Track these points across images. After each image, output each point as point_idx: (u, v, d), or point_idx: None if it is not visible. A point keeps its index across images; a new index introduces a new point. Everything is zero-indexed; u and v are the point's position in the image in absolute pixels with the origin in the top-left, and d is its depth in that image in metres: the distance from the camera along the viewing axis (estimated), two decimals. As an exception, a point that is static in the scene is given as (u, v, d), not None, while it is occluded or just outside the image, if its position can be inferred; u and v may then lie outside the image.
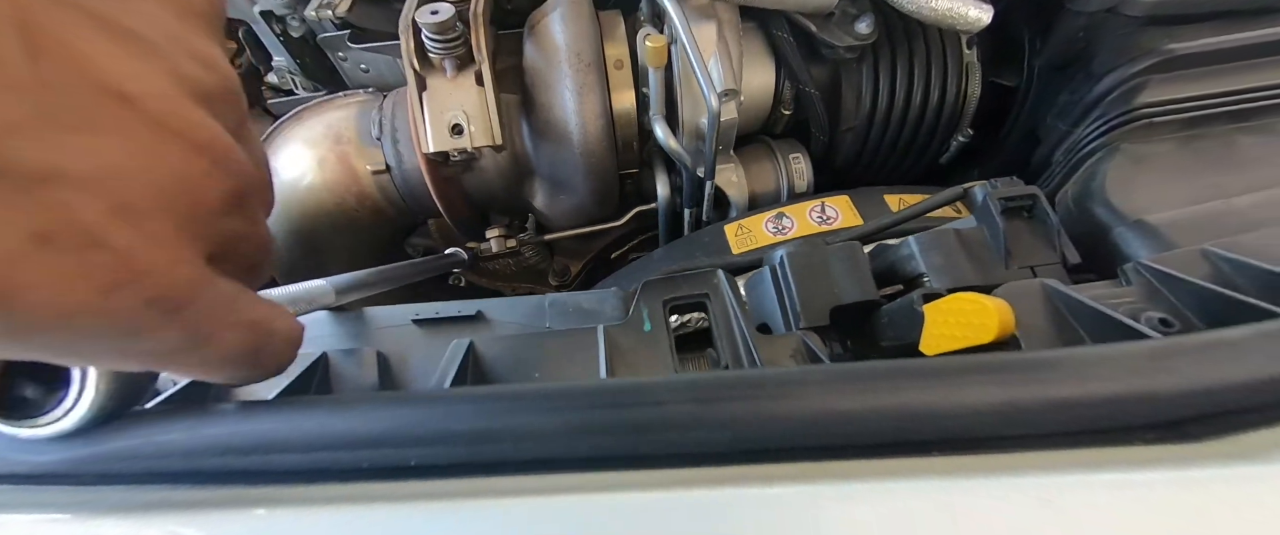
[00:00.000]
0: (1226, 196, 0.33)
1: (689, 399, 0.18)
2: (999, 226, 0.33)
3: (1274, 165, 0.36)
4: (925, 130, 0.62)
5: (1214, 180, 0.35)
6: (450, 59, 0.48)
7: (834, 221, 0.51)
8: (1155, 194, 0.35)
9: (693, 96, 0.55)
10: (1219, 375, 0.16)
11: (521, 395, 0.19)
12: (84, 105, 0.13)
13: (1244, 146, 0.38)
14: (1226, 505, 0.15)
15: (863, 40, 0.54)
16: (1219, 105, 0.39)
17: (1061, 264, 0.32)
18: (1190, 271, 0.26)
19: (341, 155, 0.56)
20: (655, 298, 0.32)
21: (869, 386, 0.17)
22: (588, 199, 0.61)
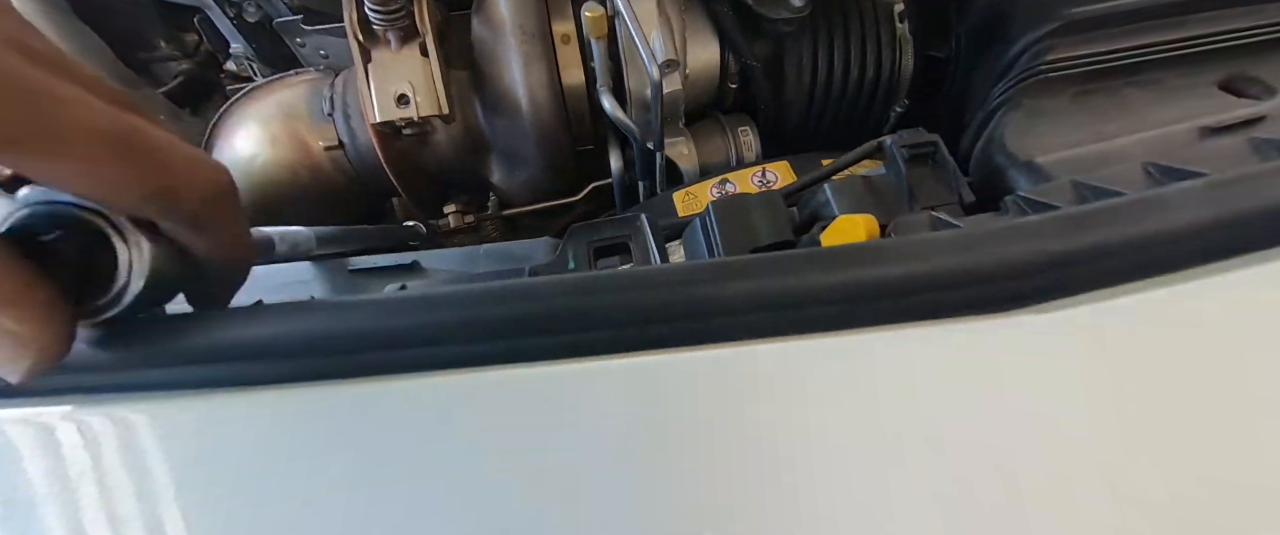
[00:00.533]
0: (1109, 139, 0.37)
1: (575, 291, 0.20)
2: (902, 171, 0.35)
3: (1155, 111, 0.39)
4: (864, 101, 0.65)
5: (1100, 127, 0.38)
6: (394, 31, 0.49)
7: (773, 184, 0.54)
8: (1046, 140, 0.38)
9: (638, 69, 0.57)
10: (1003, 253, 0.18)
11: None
12: None
13: (1131, 97, 0.41)
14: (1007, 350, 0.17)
15: (798, 14, 0.56)
16: (1112, 61, 0.42)
17: (958, 203, 0.35)
18: (1058, 199, 0.29)
19: (293, 132, 0.57)
20: (581, 242, 0.34)
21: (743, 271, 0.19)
22: (542, 172, 0.62)
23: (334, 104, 0.57)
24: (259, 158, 0.58)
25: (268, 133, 0.57)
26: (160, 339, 0.19)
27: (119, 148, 0.16)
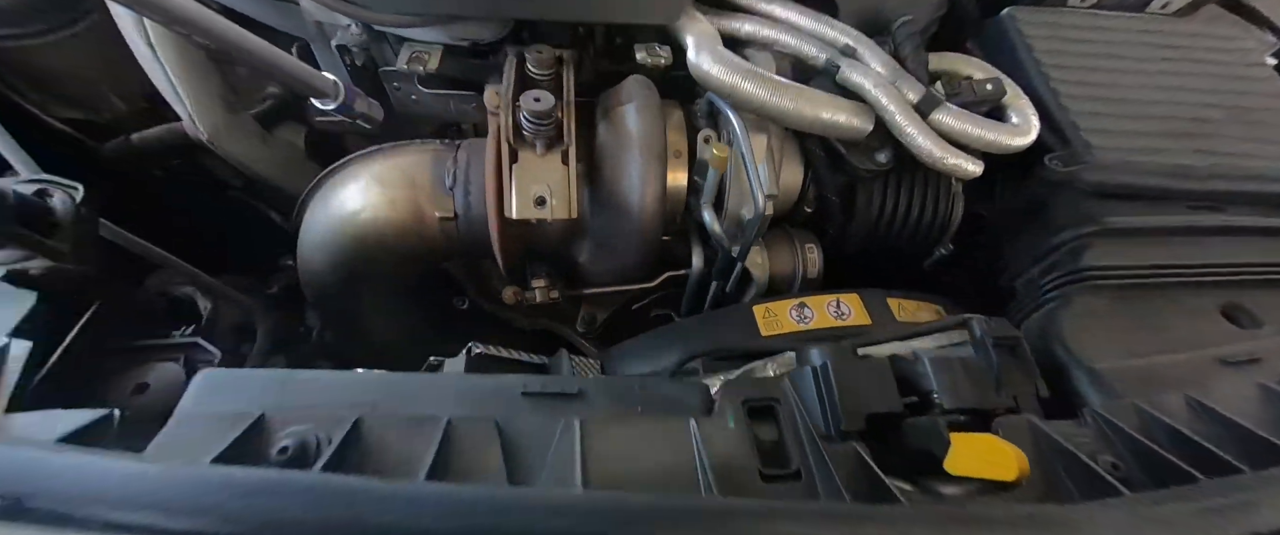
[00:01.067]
0: (1148, 355, 0.46)
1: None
2: (993, 361, 0.43)
3: (1177, 331, 0.49)
4: (918, 240, 0.74)
5: (1140, 339, 0.47)
6: (542, 138, 0.53)
7: (847, 318, 0.61)
8: (1100, 347, 0.46)
9: (739, 191, 0.64)
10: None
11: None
12: None
13: (1158, 311, 0.51)
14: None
15: (881, 167, 0.64)
16: (1142, 277, 0.52)
17: (1035, 395, 0.42)
18: (1126, 421, 0.36)
19: (412, 200, 0.59)
20: (734, 397, 0.39)
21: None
22: (632, 262, 0.67)
23: (456, 179, 0.60)
24: (367, 214, 0.60)
25: (387, 195, 0.59)
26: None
27: None
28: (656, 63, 0.63)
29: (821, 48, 0.60)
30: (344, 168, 0.62)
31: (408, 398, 0.38)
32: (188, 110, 0.57)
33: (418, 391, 0.39)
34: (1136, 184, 0.59)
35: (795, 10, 0.62)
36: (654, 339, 0.70)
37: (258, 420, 0.34)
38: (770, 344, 0.58)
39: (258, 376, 0.37)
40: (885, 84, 0.55)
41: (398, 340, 0.78)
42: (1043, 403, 0.42)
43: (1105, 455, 0.34)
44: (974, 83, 0.59)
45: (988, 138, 0.56)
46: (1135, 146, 0.60)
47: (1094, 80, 0.65)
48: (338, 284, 0.65)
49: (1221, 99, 0.67)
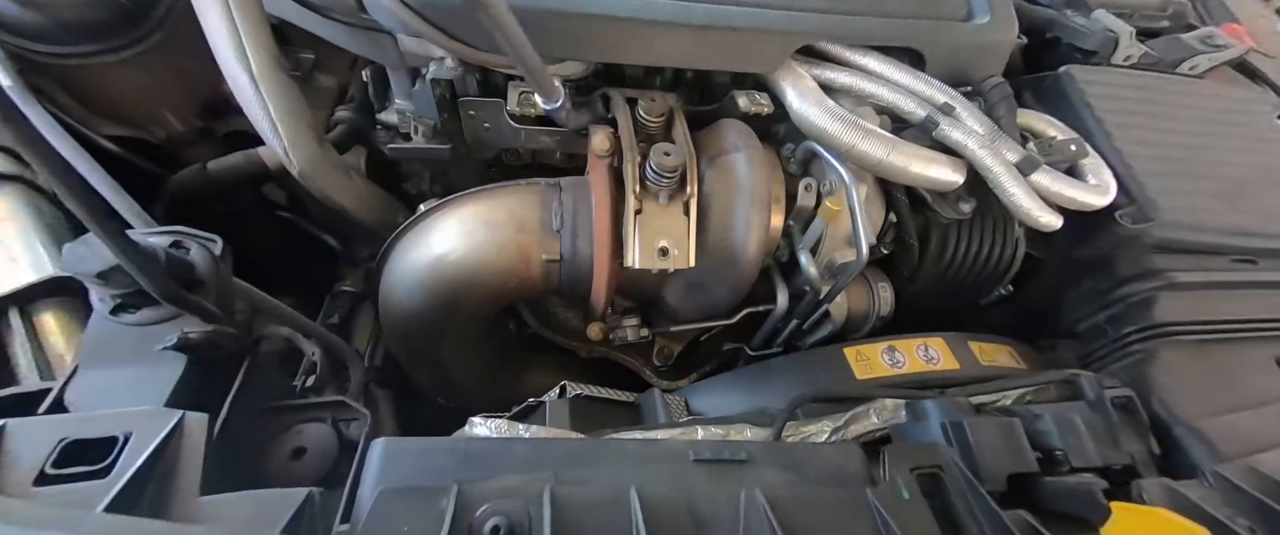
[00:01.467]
0: (1229, 411, 0.50)
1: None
2: (1113, 419, 0.46)
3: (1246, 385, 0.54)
4: (981, 280, 0.78)
5: (1219, 394, 0.52)
6: (666, 190, 0.54)
7: (937, 363, 0.64)
8: (1190, 401, 0.51)
9: (833, 236, 0.66)
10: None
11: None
12: None
13: (1228, 365, 0.56)
14: None
15: (963, 216, 0.68)
16: (1213, 331, 0.57)
17: (1150, 453, 0.46)
18: (1248, 483, 0.40)
19: (522, 244, 0.58)
20: (902, 464, 0.40)
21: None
22: (723, 303, 0.68)
23: (563, 221, 0.59)
24: (472, 255, 0.59)
25: (496, 238, 0.58)
26: None
27: None
28: (759, 111, 0.64)
29: (919, 104, 0.62)
30: (443, 207, 0.60)
31: (585, 463, 0.38)
32: (284, 143, 0.55)
33: (593, 457, 0.39)
34: (1194, 241, 0.64)
35: (891, 65, 0.65)
36: (741, 377, 0.71)
37: (458, 497, 0.33)
38: (868, 389, 0.60)
39: (437, 447, 0.36)
40: (988, 144, 0.59)
41: (467, 371, 0.77)
42: (1163, 467, 0.45)
43: (1242, 519, 0.38)
44: (1060, 143, 0.63)
45: (1078, 198, 0.60)
46: (1192, 205, 0.65)
47: (1149, 139, 0.71)
48: (429, 321, 0.63)
49: (1251, 159, 0.73)
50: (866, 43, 0.66)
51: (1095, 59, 0.82)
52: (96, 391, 0.33)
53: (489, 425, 0.51)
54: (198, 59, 0.56)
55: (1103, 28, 0.82)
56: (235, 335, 0.36)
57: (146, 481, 0.29)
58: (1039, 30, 0.87)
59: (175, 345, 0.33)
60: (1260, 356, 0.58)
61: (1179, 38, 0.89)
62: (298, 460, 0.36)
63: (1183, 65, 0.86)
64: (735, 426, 0.56)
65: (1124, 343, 0.60)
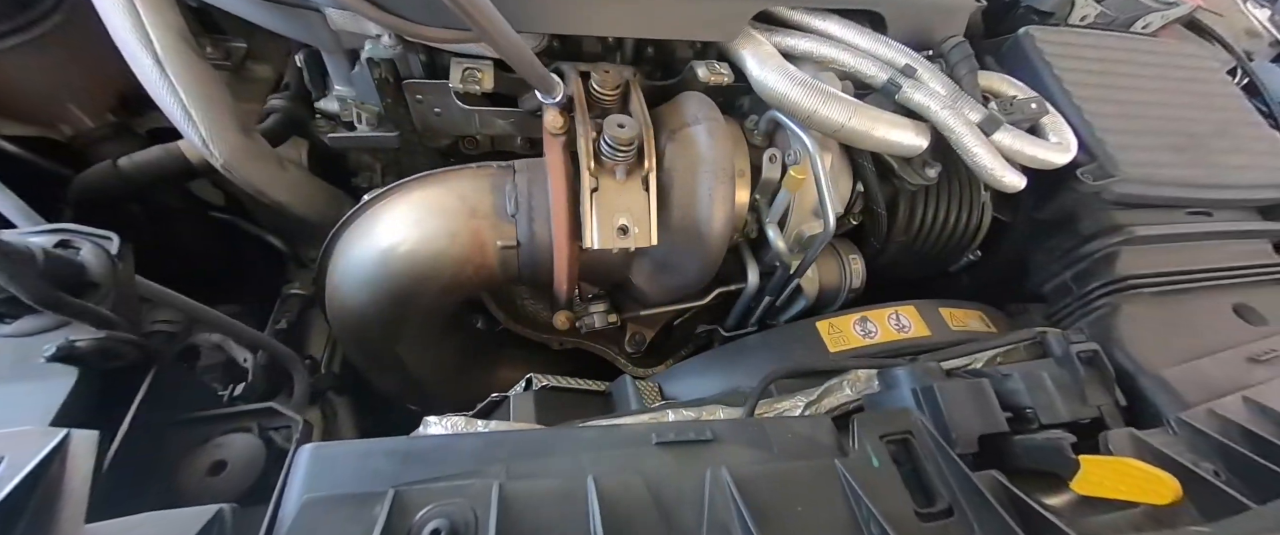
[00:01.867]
0: (1191, 359, 0.50)
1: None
2: (1079, 374, 0.45)
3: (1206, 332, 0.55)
4: (950, 247, 0.77)
5: (1181, 343, 0.52)
6: (623, 165, 0.51)
7: (908, 330, 0.63)
8: (1154, 351, 0.51)
9: (800, 208, 0.64)
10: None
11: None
12: None
13: (1189, 313, 0.56)
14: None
15: (929, 181, 0.67)
16: (1172, 282, 0.58)
17: (1115, 405, 0.46)
18: (1211, 427, 0.40)
19: (475, 231, 0.55)
20: (872, 432, 0.39)
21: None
22: (692, 282, 0.66)
23: (519, 205, 0.56)
24: (423, 246, 0.55)
25: (447, 226, 0.54)
26: None
27: None
28: (719, 80, 0.62)
29: (881, 67, 0.61)
30: (387, 196, 0.56)
31: (539, 456, 0.35)
32: (201, 133, 0.50)
33: (548, 448, 0.36)
34: (1153, 195, 0.64)
35: (853, 29, 0.63)
36: (714, 358, 0.69)
37: (394, 500, 0.30)
38: (840, 360, 0.59)
39: (372, 449, 0.33)
40: (950, 105, 0.57)
41: (430, 371, 0.73)
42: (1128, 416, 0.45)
43: (1205, 462, 0.38)
44: (1021, 102, 0.62)
45: (1040, 156, 0.59)
46: (1149, 160, 0.66)
47: (1108, 97, 0.71)
48: (381, 319, 0.59)
49: (1205, 115, 0.74)
50: (826, 6, 0.64)
51: (1053, 20, 0.82)
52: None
53: (444, 423, 0.48)
54: (108, 45, 0.50)
55: (1058, -11, 0.81)
56: (135, 342, 0.32)
57: (19, 512, 0.25)
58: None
59: (56, 356, 0.29)
60: (1218, 304, 0.59)
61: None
62: (217, 475, 0.33)
63: (1136, 23, 0.87)
64: (707, 408, 0.55)
65: (1089, 298, 0.60)
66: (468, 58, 0.58)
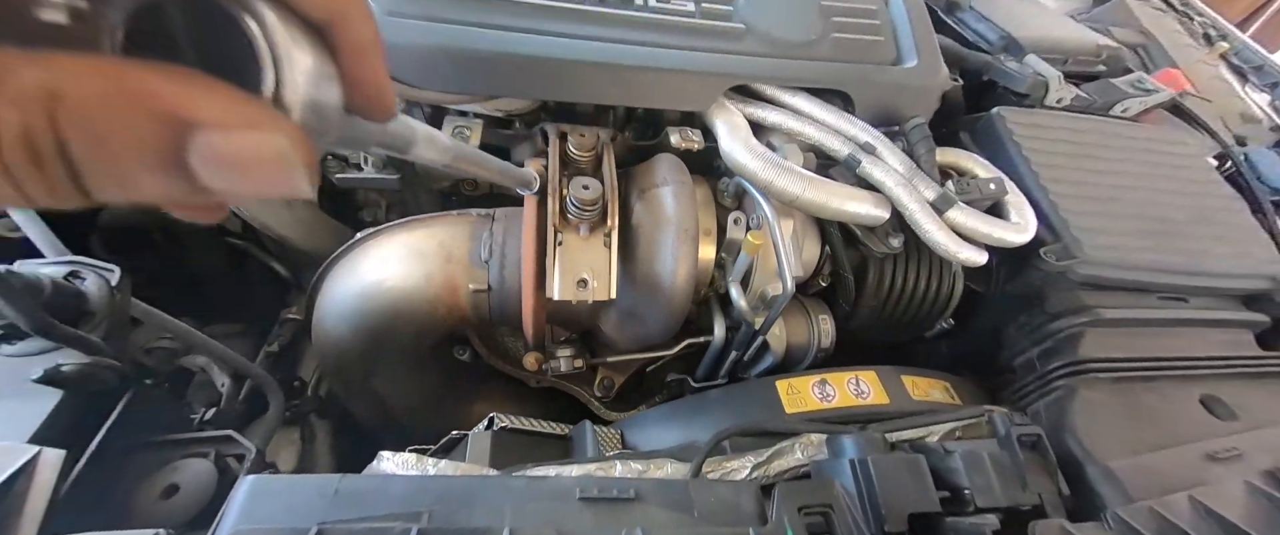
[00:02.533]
0: (1146, 451, 0.50)
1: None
2: (1020, 459, 0.45)
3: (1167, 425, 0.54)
4: (921, 314, 0.78)
5: (1137, 434, 0.52)
6: (586, 222, 0.55)
7: (866, 397, 0.63)
8: (1106, 441, 0.50)
9: (764, 268, 0.67)
10: None
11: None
12: None
13: (1150, 405, 0.55)
14: None
15: (893, 250, 0.69)
16: (1136, 368, 0.57)
17: (1057, 493, 0.45)
18: (1146, 525, 0.39)
19: (449, 274, 0.59)
20: (791, 504, 0.40)
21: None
22: (657, 333, 0.68)
23: (492, 252, 0.60)
24: (399, 284, 0.59)
25: (423, 268, 0.59)
26: None
27: None
28: (690, 146, 0.66)
29: (843, 143, 0.64)
30: (375, 237, 0.61)
31: (464, 504, 0.37)
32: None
33: (473, 496, 0.38)
34: (1121, 278, 0.65)
35: (818, 105, 0.67)
36: (676, 410, 0.70)
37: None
38: (794, 423, 0.59)
39: (307, 485, 0.35)
40: (904, 182, 0.60)
41: (405, 403, 0.76)
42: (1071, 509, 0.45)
43: (1135, 563, 0.37)
44: (979, 182, 0.65)
45: (994, 235, 0.61)
46: (1117, 243, 0.67)
47: (1077, 179, 0.73)
48: (359, 352, 0.63)
49: (1182, 201, 0.75)
50: (795, 85, 0.69)
51: (1028, 101, 0.85)
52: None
53: (396, 460, 0.50)
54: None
55: (1033, 72, 0.85)
56: (114, 367, 0.36)
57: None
58: (976, 73, 0.91)
59: (42, 378, 0.33)
60: (1184, 395, 0.58)
61: (1111, 82, 0.92)
62: (168, 498, 0.36)
63: (1115, 108, 0.90)
64: (656, 461, 0.56)
65: (1048, 378, 0.60)
66: (459, 115, 0.65)
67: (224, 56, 0.15)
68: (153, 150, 0.12)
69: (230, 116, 0.13)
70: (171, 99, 0.13)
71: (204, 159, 0.13)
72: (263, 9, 0.15)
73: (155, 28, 0.14)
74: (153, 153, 0.12)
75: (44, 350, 0.35)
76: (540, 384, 0.84)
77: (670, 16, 0.67)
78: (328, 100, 0.17)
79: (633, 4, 0.66)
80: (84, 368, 0.34)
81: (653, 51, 0.64)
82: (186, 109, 0.13)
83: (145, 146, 0.12)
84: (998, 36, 0.96)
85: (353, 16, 0.17)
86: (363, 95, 0.18)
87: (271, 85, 0.15)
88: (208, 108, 0.13)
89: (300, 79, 0.15)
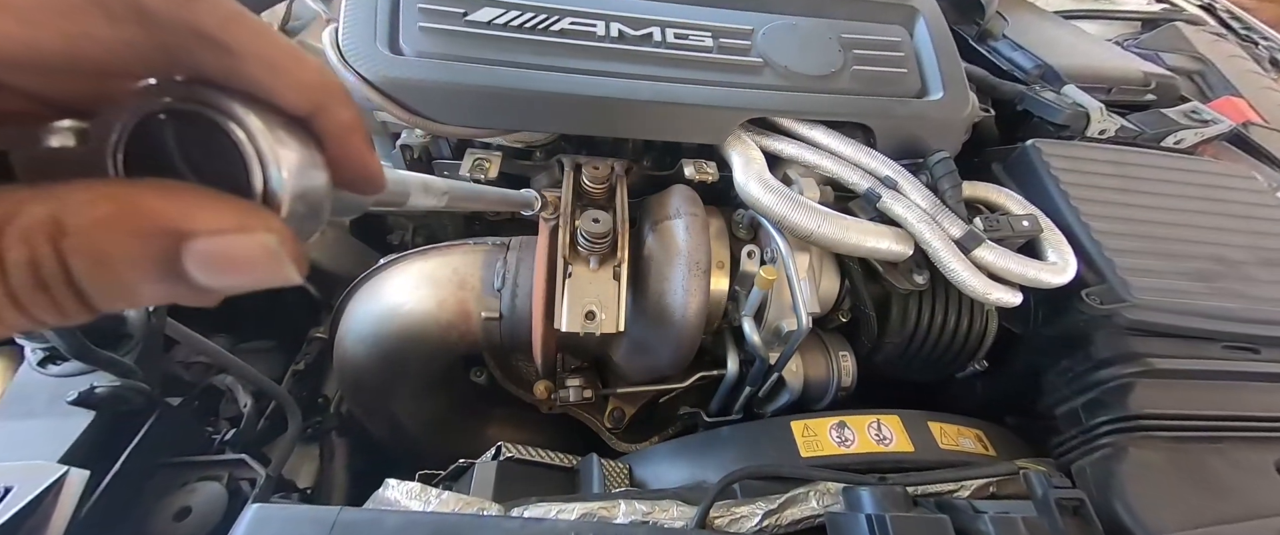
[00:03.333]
0: (1209, 523, 0.44)
1: None
2: (1060, 526, 0.41)
3: (1235, 493, 0.48)
4: (950, 354, 0.74)
5: (1199, 502, 0.46)
6: (596, 255, 0.55)
7: (889, 443, 0.60)
8: (1161, 509, 0.45)
9: (779, 303, 0.65)
10: None
11: None
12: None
13: (1215, 470, 0.50)
14: None
15: (917, 287, 0.66)
16: (1197, 427, 0.52)
17: (1102, 569, 0.40)
18: None
19: (462, 301, 0.60)
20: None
21: None
22: (667, 365, 0.67)
23: (505, 281, 0.61)
24: (414, 309, 0.61)
25: (437, 294, 0.60)
26: None
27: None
28: (705, 178, 0.66)
29: (862, 176, 0.63)
30: (395, 264, 0.64)
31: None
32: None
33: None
34: (1176, 324, 0.59)
35: (836, 138, 0.66)
36: (686, 446, 0.68)
37: (310, 570, 0.32)
38: (810, 470, 0.56)
39: (306, 516, 0.36)
40: (927, 218, 0.58)
41: (418, 426, 0.77)
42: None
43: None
44: (1011, 218, 0.61)
45: (1028, 275, 0.58)
46: (1170, 286, 0.61)
47: (1123, 215, 0.68)
48: (375, 373, 0.64)
49: (1247, 241, 0.69)
50: (813, 118, 0.68)
51: (1066, 133, 0.81)
52: (7, 442, 0.35)
53: (401, 488, 0.51)
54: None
55: (1072, 102, 0.81)
56: (143, 391, 0.38)
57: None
58: (1009, 103, 0.88)
59: (76, 400, 0.35)
60: (1257, 459, 0.51)
61: (1162, 112, 0.87)
62: (180, 520, 0.37)
63: (1167, 140, 0.84)
64: (662, 503, 0.54)
65: (1094, 433, 0.55)
66: (478, 148, 0.67)
67: (214, 160, 0.16)
68: (152, 263, 0.14)
69: (221, 222, 0.14)
70: (167, 215, 0.14)
71: (199, 264, 0.14)
72: (246, 116, 0.16)
73: (149, 141, 0.15)
74: (152, 265, 0.14)
75: (82, 372, 0.38)
76: (552, 410, 0.84)
77: (688, 52, 0.68)
78: (315, 185, 0.18)
79: (651, 40, 0.68)
80: (114, 390, 0.36)
81: (670, 87, 0.65)
82: (180, 222, 0.14)
83: (145, 261, 0.13)
84: (1033, 65, 0.93)
85: (333, 104, 0.18)
86: (350, 174, 0.19)
87: (260, 185, 0.16)
88: (200, 217, 0.14)
89: (287, 175, 0.16)
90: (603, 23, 0.67)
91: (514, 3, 0.65)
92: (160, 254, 0.13)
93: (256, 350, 0.86)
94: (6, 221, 0.12)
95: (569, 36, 0.65)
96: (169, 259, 0.14)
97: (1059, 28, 1.10)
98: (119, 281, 0.13)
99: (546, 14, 0.66)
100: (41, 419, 0.36)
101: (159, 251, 0.13)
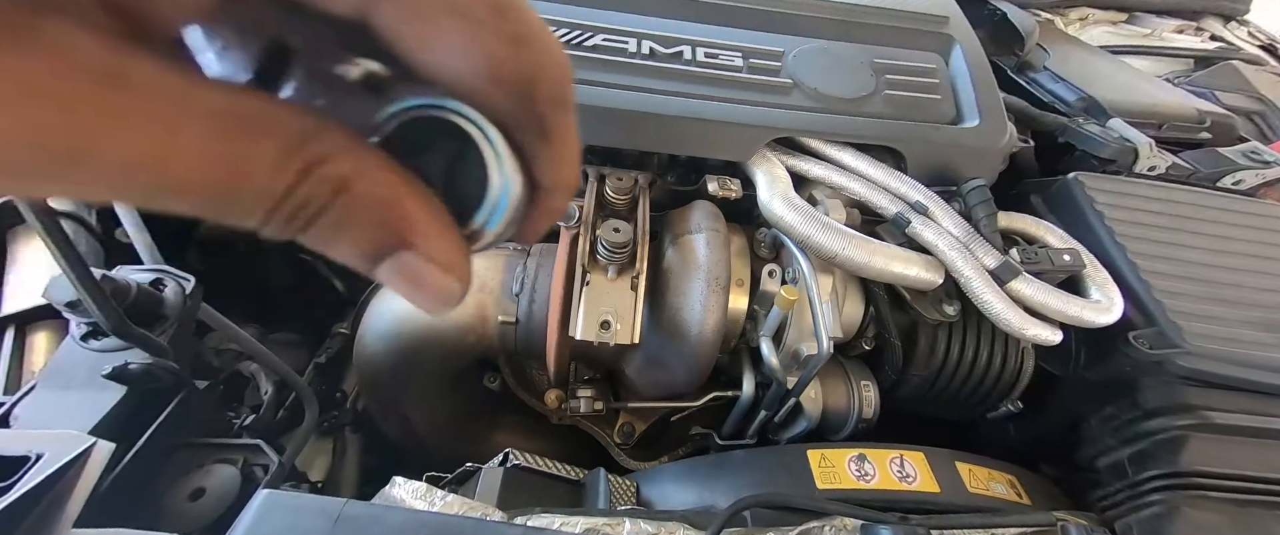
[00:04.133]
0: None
1: None
2: (1098, 588, 0.37)
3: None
4: (981, 392, 0.70)
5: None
6: (615, 264, 0.55)
7: (913, 481, 0.56)
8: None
9: (799, 326, 0.63)
10: None
11: None
12: None
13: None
14: None
15: (947, 318, 0.63)
16: (1260, 490, 0.47)
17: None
18: None
19: (480, 303, 0.61)
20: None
21: None
22: (681, 381, 0.66)
23: (523, 286, 0.61)
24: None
25: (456, 297, 0.61)
26: None
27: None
28: (728, 194, 0.66)
29: (891, 200, 0.61)
30: (420, 262, 0.65)
31: (456, 544, 0.36)
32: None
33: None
34: (1236, 376, 0.55)
35: (866, 161, 0.65)
36: (696, 468, 0.66)
37: (311, 559, 0.32)
38: (826, 503, 0.53)
39: (313, 506, 0.36)
40: (959, 246, 0.56)
41: (429, 426, 0.77)
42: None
43: None
44: (1051, 252, 0.58)
45: (1070, 313, 0.54)
46: (1229, 334, 0.57)
47: (1173, 255, 0.64)
48: (391, 371, 0.65)
49: (1315, 288, 0.64)
50: (842, 139, 0.67)
51: (1112, 168, 0.78)
52: (44, 410, 0.37)
53: (407, 487, 0.51)
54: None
55: (1118, 137, 0.78)
56: (172, 369, 0.40)
57: (35, 504, 0.31)
58: (1050, 135, 0.85)
59: (110, 374, 0.37)
60: (1331, 532, 0.46)
61: (1218, 151, 0.82)
62: (194, 501, 0.38)
63: (1224, 180, 0.79)
64: (668, 525, 0.52)
65: (1142, 489, 0.50)
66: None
67: (459, 177, 0.16)
68: (371, 245, 0.14)
69: (441, 254, 0.15)
70: (414, 225, 0.14)
71: (393, 266, 0.14)
72: (505, 154, 0.16)
73: (412, 138, 0.15)
74: (369, 247, 0.14)
75: (119, 348, 0.40)
76: (562, 420, 0.83)
77: (718, 71, 0.69)
78: (511, 233, 0.18)
79: (681, 58, 0.69)
80: (146, 367, 0.38)
81: (698, 103, 0.65)
82: (416, 236, 0.14)
83: (368, 242, 0.14)
84: (1076, 97, 0.90)
85: (560, 116, 0.17)
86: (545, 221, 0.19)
87: (483, 221, 0.16)
88: (431, 242, 0.15)
89: (503, 225, 0.17)
90: (635, 40, 0.69)
91: (548, 19, 0.68)
92: (383, 245, 0.14)
93: (284, 342, 0.89)
94: (313, 151, 0.12)
95: (601, 52, 0.67)
96: (383, 252, 0.14)
97: (1104, 61, 1.06)
98: (338, 240, 0.14)
99: (580, 30, 0.68)
100: (78, 391, 0.37)
101: (384, 243, 0.14)
